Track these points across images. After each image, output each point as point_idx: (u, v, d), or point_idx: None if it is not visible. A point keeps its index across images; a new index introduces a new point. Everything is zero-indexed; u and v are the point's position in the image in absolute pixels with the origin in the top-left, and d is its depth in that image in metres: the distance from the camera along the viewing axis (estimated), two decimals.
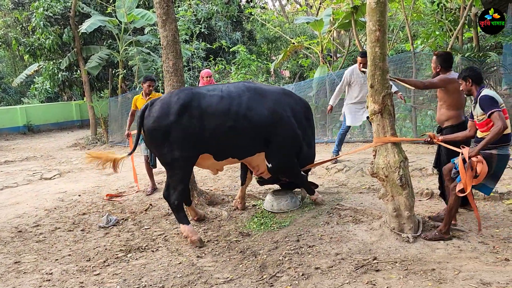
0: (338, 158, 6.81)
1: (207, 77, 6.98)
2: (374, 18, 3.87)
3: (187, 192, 4.79)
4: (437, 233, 3.91)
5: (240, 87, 4.62)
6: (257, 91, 4.66)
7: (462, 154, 3.77)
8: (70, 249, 4.52)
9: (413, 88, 5.00)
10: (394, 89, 5.84)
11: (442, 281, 3.17)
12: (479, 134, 3.85)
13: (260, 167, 4.95)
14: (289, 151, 4.83)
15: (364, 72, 6.40)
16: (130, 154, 4.83)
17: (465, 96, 4.31)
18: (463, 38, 9.43)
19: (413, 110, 8.69)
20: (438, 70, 4.38)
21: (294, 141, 4.81)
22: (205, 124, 4.29)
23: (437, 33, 9.61)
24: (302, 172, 5.09)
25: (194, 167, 4.70)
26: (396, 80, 4.33)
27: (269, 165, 4.80)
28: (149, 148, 4.97)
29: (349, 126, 6.97)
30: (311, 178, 6.75)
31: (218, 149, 4.50)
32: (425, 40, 10.39)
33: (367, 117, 6.42)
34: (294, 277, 3.45)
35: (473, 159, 3.68)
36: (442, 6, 9.02)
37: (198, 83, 8.29)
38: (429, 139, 4.12)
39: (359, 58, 6.54)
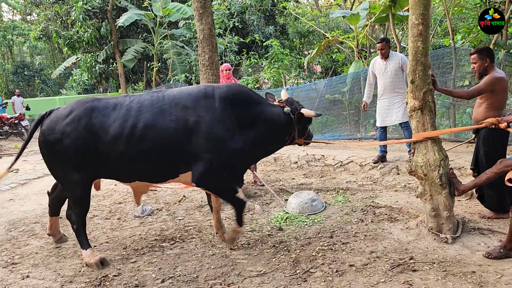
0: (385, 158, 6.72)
1: (226, 70, 6.92)
2: (418, 12, 3.76)
3: (60, 202, 4.40)
4: (502, 250, 3.48)
5: (145, 99, 3.83)
6: (166, 101, 3.80)
7: None
8: (107, 236, 4.65)
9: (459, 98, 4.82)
10: None
11: (483, 284, 3.06)
12: None
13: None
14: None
15: (385, 59, 6.32)
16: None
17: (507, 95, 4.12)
18: (507, 33, 9.01)
19: (451, 107, 8.41)
20: (486, 65, 4.19)
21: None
22: (97, 146, 3.71)
23: (479, 28, 9.22)
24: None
25: None
26: (440, 90, 4.20)
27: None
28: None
29: (382, 127, 6.71)
30: (344, 174, 6.69)
31: (115, 172, 3.93)
32: (466, 35, 10.00)
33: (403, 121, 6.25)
34: (328, 273, 3.42)
35: None
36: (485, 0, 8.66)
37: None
38: (493, 126, 3.86)
39: (377, 45, 6.52)
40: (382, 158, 6.64)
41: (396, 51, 11.34)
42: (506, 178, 3.47)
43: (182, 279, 3.51)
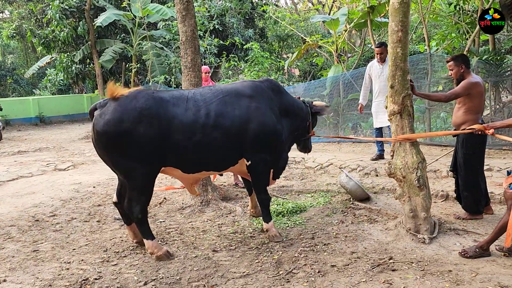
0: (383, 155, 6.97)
1: (205, 73, 6.91)
2: (397, 19, 3.87)
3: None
4: (477, 250, 3.59)
5: (207, 92, 4.08)
6: (228, 92, 4.10)
7: None
8: (87, 239, 4.58)
9: (437, 102, 4.97)
10: None
11: (459, 282, 3.17)
12: None
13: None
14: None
15: (382, 63, 6.42)
16: None
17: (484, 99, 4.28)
18: (479, 41, 9.36)
19: (426, 111, 8.65)
20: (462, 71, 4.35)
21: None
22: (169, 135, 3.78)
23: (453, 35, 9.55)
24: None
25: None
26: (420, 96, 4.34)
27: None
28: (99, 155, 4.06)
29: (378, 128, 6.93)
30: (324, 176, 6.78)
31: (184, 162, 4.00)
32: (440, 42, 10.32)
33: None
34: (310, 274, 3.47)
35: None
36: (459, 8, 8.95)
37: None
38: (479, 132, 3.88)
39: (375, 49, 6.68)
40: (380, 157, 6.91)
41: (372, 57, 11.60)
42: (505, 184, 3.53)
43: (165, 281, 3.49)
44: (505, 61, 7.96)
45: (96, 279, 3.58)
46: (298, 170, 7.22)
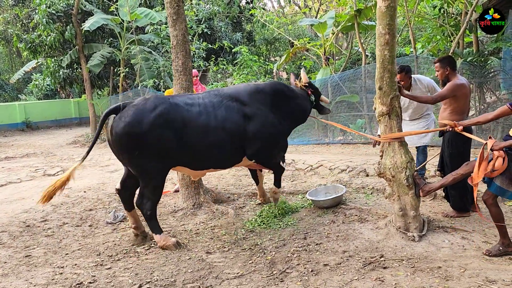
0: None
1: (194, 77, 6.90)
2: (384, 22, 3.96)
3: (131, 196, 4.55)
4: (501, 248, 3.61)
5: (213, 96, 4.47)
6: (231, 97, 4.51)
7: (486, 144, 3.56)
8: (79, 243, 4.57)
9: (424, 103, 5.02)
10: None
11: (448, 278, 3.26)
12: None
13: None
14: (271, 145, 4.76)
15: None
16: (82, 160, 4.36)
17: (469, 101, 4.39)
18: (464, 43, 9.56)
19: None
20: (447, 72, 4.47)
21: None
22: (183, 137, 4.14)
23: (438, 37, 9.74)
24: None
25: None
26: (406, 96, 4.41)
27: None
28: (115, 154, 4.33)
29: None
30: (315, 178, 6.86)
31: (194, 161, 4.41)
32: (426, 44, 10.52)
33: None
34: (304, 273, 3.53)
35: (495, 152, 3.48)
36: (443, 11, 9.14)
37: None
38: (450, 129, 4.04)
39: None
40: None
41: (359, 59, 11.76)
42: (469, 178, 3.69)
43: (159, 283, 3.52)
44: (488, 62, 8.15)
45: (90, 283, 3.59)
46: (288, 172, 7.29)
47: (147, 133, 3.97)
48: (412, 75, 5.36)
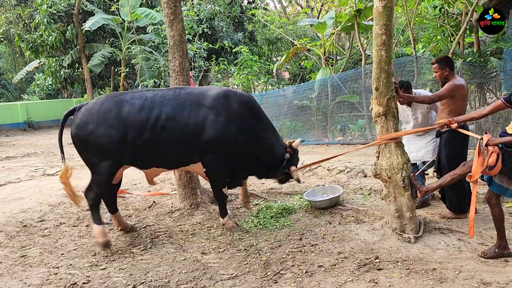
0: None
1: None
2: (381, 22, 3.94)
3: (112, 198, 4.76)
4: (496, 250, 3.59)
5: (168, 94, 4.36)
6: (188, 97, 4.35)
7: (481, 139, 3.51)
8: (75, 244, 4.57)
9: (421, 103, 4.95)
10: None
11: (443, 280, 3.24)
12: (509, 130, 3.51)
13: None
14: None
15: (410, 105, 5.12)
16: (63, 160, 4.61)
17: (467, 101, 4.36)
18: (464, 43, 9.52)
19: None
20: (446, 73, 4.45)
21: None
22: (124, 134, 4.17)
23: (438, 37, 9.70)
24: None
25: None
26: (403, 97, 4.36)
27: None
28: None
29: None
30: (313, 178, 6.84)
31: (139, 159, 4.39)
32: (426, 44, 10.48)
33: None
34: (298, 274, 3.51)
35: (490, 148, 3.42)
36: (444, 11, 9.10)
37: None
38: (445, 127, 4.00)
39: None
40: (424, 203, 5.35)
41: (361, 59, 11.73)
42: (467, 176, 3.65)
43: (153, 284, 3.51)
44: (489, 63, 8.10)
45: (84, 283, 3.59)
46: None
47: (92, 133, 4.14)
48: (413, 90, 5.06)
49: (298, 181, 4.77)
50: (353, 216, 4.83)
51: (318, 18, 16.72)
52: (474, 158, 3.52)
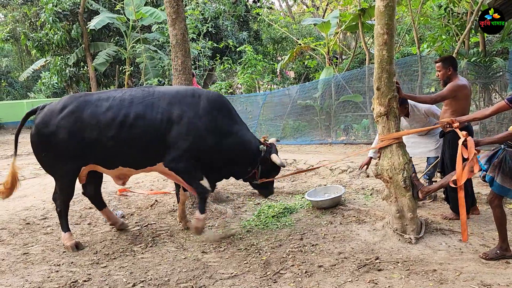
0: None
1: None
2: (382, 22, 3.92)
3: (98, 195, 4.72)
4: (498, 251, 3.56)
5: (137, 93, 4.25)
6: (156, 96, 4.23)
7: (464, 141, 3.53)
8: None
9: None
10: None
11: (443, 281, 3.22)
12: None
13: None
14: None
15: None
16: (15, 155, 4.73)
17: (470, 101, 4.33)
18: (470, 43, 9.45)
19: None
20: (450, 73, 4.42)
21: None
22: (87, 135, 4.08)
23: (443, 37, 9.64)
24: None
25: None
26: (405, 96, 4.34)
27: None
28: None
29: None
30: (315, 178, 6.83)
31: (104, 159, 4.26)
32: (431, 44, 10.42)
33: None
34: (297, 274, 3.51)
35: (463, 132, 3.43)
36: (449, 10, 9.05)
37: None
38: (448, 126, 3.93)
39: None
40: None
41: (363, 58, 11.69)
42: (451, 180, 3.64)
43: (153, 282, 3.52)
44: (494, 63, 8.04)
45: (85, 281, 3.61)
46: (289, 172, 7.26)
47: (53, 134, 4.06)
48: (409, 101, 4.92)
49: (283, 165, 4.51)
50: (354, 216, 4.82)
51: (323, 17, 16.67)
52: (457, 162, 3.55)
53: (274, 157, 4.42)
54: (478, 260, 3.56)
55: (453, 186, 3.64)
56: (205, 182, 4.30)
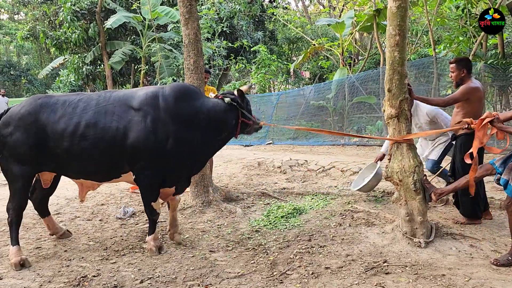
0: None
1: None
2: (395, 23, 3.89)
3: (42, 203, 4.58)
4: (510, 257, 3.49)
5: (92, 98, 4.00)
6: (113, 101, 3.95)
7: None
8: (88, 237, 4.67)
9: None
10: None
11: (451, 287, 3.17)
12: None
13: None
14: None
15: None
16: None
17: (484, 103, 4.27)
18: (487, 44, 9.28)
19: None
20: (463, 75, 4.36)
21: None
22: (41, 140, 3.89)
23: (460, 38, 9.49)
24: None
25: None
26: (417, 98, 4.30)
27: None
28: None
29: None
30: (326, 179, 6.79)
31: (61, 168, 4.09)
32: (448, 46, 10.26)
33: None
34: (304, 275, 3.50)
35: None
36: (466, 11, 8.90)
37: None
38: (466, 126, 3.82)
39: None
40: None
41: (379, 59, 11.58)
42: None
43: (160, 280, 3.56)
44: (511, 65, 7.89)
45: (94, 276, 3.66)
46: (300, 173, 7.25)
47: (10, 135, 3.93)
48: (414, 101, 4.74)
49: (250, 86, 4.25)
50: (364, 219, 4.78)
51: (339, 17, 16.57)
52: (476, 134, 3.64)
53: (243, 88, 4.17)
54: (489, 266, 3.50)
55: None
56: (156, 205, 4.10)
